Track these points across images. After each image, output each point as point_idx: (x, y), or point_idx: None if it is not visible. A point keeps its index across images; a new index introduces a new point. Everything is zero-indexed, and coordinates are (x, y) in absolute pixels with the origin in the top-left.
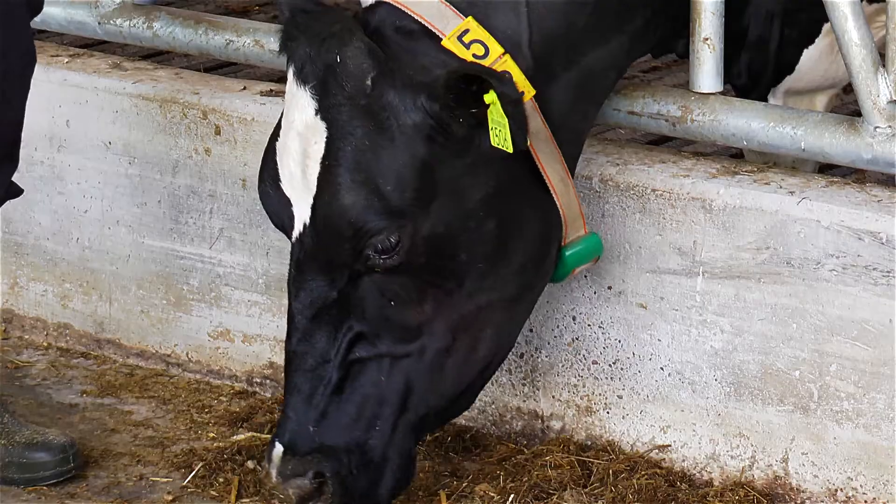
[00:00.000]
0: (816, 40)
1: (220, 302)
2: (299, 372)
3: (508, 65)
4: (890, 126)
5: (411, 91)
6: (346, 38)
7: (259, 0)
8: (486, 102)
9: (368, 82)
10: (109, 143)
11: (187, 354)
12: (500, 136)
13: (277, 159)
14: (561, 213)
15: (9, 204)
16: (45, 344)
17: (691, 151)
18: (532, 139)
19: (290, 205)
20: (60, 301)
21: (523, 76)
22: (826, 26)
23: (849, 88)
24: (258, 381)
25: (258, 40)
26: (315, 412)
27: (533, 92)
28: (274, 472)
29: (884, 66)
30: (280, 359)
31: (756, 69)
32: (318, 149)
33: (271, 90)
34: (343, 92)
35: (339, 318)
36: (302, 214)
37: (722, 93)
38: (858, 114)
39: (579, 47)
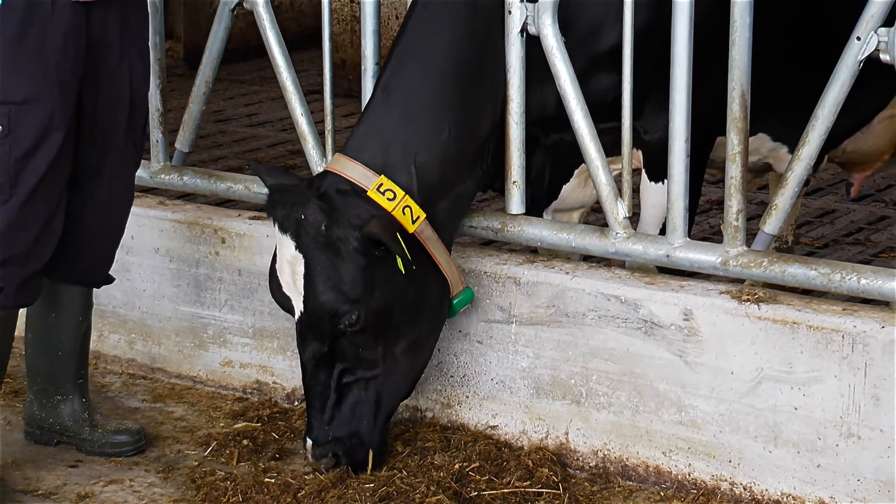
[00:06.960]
0: (571, 179)
1: (226, 344)
2: (314, 397)
3: (408, 201)
4: (625, 232)
5: (350, 229)
6: (304, 204)
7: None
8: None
9: (323, 228)
10: (157, 248)
11: (206, 376)
12: (398, 263)
13: (278, 275)
14: (448, 280)
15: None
16: (119, 371)
17: (507, 249)
18: (426, 241)
19: (290, 300)
20: (129, 345)
21: (417, 206)
22: (577, 170)
23: (599, 209)
24: (249, 391)
25: (247, 186)
26: (326, 419)
27: (424, 214)
28: (310, 457)
29: (620, 196)
30: (262, 378)
31: (535, 196)
32: (300, 269)
33: (255, 216)
34: (308, 236)
35: (331, 362)
36: (298, 306)
37: (524, 214)
38: (606, 225)
39: (449, 186)
